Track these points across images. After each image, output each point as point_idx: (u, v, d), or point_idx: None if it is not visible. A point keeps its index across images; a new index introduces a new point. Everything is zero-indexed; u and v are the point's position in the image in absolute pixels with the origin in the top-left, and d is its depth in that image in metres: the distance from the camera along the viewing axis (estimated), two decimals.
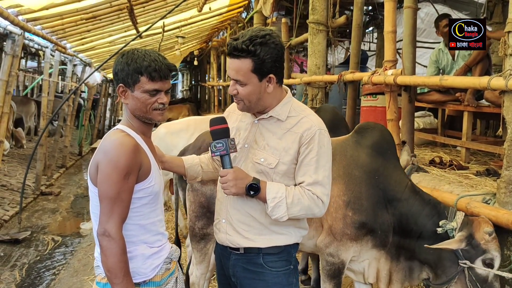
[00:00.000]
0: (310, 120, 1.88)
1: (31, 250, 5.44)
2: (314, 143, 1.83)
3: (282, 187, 1.83)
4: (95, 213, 1.74)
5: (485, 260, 2.41)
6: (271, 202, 1.80)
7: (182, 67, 26.61)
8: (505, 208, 2.72)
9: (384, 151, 2.77)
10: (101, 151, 1.71)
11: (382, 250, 2.67)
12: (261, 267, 1.92)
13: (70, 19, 6.90)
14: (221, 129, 1.86)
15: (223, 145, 1.81)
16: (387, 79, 3.97)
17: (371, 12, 9.39)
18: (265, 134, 1.91)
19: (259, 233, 1.91)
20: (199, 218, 2.93)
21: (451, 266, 2.48)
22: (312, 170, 1.84)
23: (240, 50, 1.77)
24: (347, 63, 6.04)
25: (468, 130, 4.42)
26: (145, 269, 1.76)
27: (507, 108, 2.70)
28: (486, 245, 2.41)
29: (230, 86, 1.88)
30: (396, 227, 2.64)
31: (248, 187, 1.80)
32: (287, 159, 1.86)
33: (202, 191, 2.89)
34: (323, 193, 1.84)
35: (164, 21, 7.98)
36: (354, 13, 5.39)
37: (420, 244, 2.58)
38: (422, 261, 2.63)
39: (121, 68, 1.73)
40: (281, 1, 8.72)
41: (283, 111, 1.90)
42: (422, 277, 2.68)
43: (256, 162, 1.89)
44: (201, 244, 2.96)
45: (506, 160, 2.73)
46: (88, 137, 14.01)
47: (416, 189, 2.71)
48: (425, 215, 2.60)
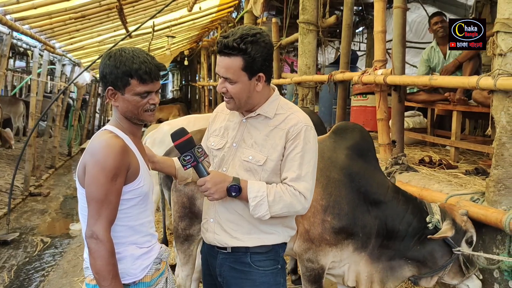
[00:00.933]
0: (297, 116, 1.89)
1: (20, 251, 5.39)
2: (300, 138, 1.84)
3: (263, 186, 1.82)
4: (84, 215, 1.72)
5: (468, 239, 2.50)
6: (252, 201, 1.79)
7: (172, 67, 26.51)
8: (493, 206, 2.74)
9: (364, 153, 2.70)
10: (88, 152, 1.69)
11: (363, 253, 2.63)
12: (248, 266, 1.91)
13: (59, 18, 6.85)
14: (184, 141, 1.83)
15: (191, 157, 1.80)
16: (377, 79, 3.99)
17: (361, 12, 9.42)
18: (253, 132, 1.91)
19: (248, 232, 1.90)
20: (182, 218, 2.91)
21: (443, 256, 2.50)
22: (296, 165, 1.83)
23: (231, 48, 1.76)
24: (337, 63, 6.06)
25: (457, 130, 4.45)
26: (135, 270, 1.74)
27: (496, 108, 2.72)
28: (465, 226, 2.50)
29: (219, 84, 1.86)
30: (381, 230, 2.60)
31: (229, 189, 1.79)
32: (275, 156, 1.85)
33: (184, 191, 2.88)
34: (306, 189, 1.83)
35: (154, 20, 7.95)
36: (344, 13, 5.41)
37: (407, 243, 2.57)
38: (408, 258, 2.61)
39: (109, 71, 1.69)
40: (271, 1, 8.72)
41: (271, 108, 1.91)
42: (407, 276, 2.66)
43: (244, 160, 1.88)
44: (185, 245, 2.94)
45: (495, 159, 2.76)
46: (78, 138, 13.91)
47: (397, 189, 2.69)
48: (410, 214, 2.59)
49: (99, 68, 1.75)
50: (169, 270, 1.95)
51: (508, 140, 2.68)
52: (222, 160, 1.93)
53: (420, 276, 2.60)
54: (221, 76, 1.83)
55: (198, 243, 2.97)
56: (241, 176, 1.86)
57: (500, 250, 2.70)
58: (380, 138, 4.26)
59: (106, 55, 1.73)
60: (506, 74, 2.61)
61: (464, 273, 2.48)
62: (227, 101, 1.89)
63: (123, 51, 1.72)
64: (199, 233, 2.91)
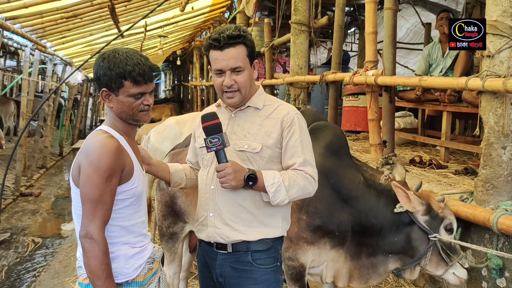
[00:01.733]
0: (287, 107, 1.99)
1: (11, 252, 5.36)
2: (295, 126, 1.91)
3: (276, 173, 1.87)
4: (78, 214, 1.72)
5: (446, 226, 2.49)
6: (271, 188, 1.83)
7: (165, 67, 26.44)
8: (482, 206, 2.79)
9: (336, 150, 2.75)
10: (83, 152, 1.69)
11: (340, 250, 2.64)
12: (249, 265, 1.92)
13: (50, 17, 6.82)
14: (214, 124, 1.84)
15: (219, 140, 1.81)
16: (368, 80, 4.03)
17: (353, 13, 9.48)
18: (244, 125, 1.95)
19: (248, 225, 1.91)
20: (166, 217, 2.96)
21: (421, 244, 2.50)
22: (299, 150, 1.90)
23: (236, 36, 1.83)
24: (329, 64, 6.11)
25: (447, 130, 4.51)
26: (128, 269, 1.75)
27: (484, 108, 2.76)
28: (443, 213, 2.50)
29: (226, 78, 1.87)
30: (355, 226, 2.61)
31: (247, 178, 1.81)
32: (270, 143, 1.90)
33: (167, 190, 2.90)
34: (313, 172, 1.91)
35: (146, 20, 7.94)
36: (336, 14, 5.45)
37: (384, 236, 2.57)
38: (387, 252, 2.60)
39: (103, 73, 1.70)
40: (263, 1, 8.74)
41: (259, 100, 1.98)
42: (390, 269, 2.65)
43: (240, 150, 1.91)
44: (170, 244, 2.98)
45: (483, 159, 2.80)
46: (69, 137, 13.83)
47: (369, 182, 2.68)
48: (382, 206, 2.58)
49: (93, 70, 1.76)
50: (162, 270, 1.96)
51: (496, 141, 2.72)
52: (214, 156, 1.94)
53: (403, 268, 2.59)
54: (228, 69, 1.86)
55: (182, 241, 3.02)
56: None
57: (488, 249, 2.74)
58: (371, 138, 4.30)
59: (100, 57, 1.74)
60: (494, 75, 2.66)
61: (446, 262, 2.47)
62: (231, 96, 1.91)
63: (117, 52, 1.72)
64: (182, 231, 2.94)
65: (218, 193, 1.93)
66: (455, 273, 2.47)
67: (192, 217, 2.84)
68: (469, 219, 2.77)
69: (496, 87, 2.60)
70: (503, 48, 2.64)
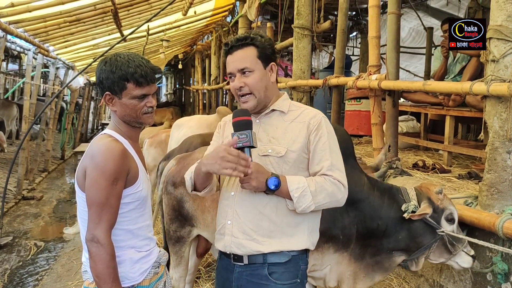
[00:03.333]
0: (313, 110, 1.93)
1: (13, 255, 5.36)
2: (323, 129, 1.86)
3: (302, 178, 1.78)
4: (83, 218, 1.72)
5: (447, 217, 2.48)
6: (295, 192, 1.74)
7: (167, 71, 26.49)
8: (486, 210, 2.78)
9: (342, 153, 2.71)
10: (88, 156, 1.70)
11: (345, 253, 2.61)
12: (265, 279, 1.81)
13: (53, 21, 6.83)
14: (245, 120, 1.78)
15: (247, 136, 1.73)
16: (371, 84, 4.03)
17: (355, 18, 9.49)
18: (269, 130, 1.89)
19: (268, 235, 1.81)
20: (173, 221, 2.95)
21: (426, 238, 2.50)
22: (327, 154, 1.83)
23: (243, 38, 1.84)
24: (332, 68, 6.10)
25: (450, 134, 4.51)
26: (134, 274, 1.75)
27: (489, 113, 2.76)
28: (442, 204, 2.49)
29: (236, 81, 1.85)
30: (360, 228, 2.58)
31: (268, 181, 1.73)
32: (296, 147, 1.83)
33: (174, 194, 2.92)
34: (342, 177, 1.83)
35: (149, 24, 7.95)
36: (339, 18, 5.45)
37: (389, 236, 2.55)
38: (392, 249, 2.59)
39: (105, 76, 1.71)
40: (266, 6, 8.75)
41: (284, 104, 1.93)
42: (396, 263, 2.63)
43: (264, 155, 1.84)
44: (177, 247, 2.98)
45: (488, 164, 2.79)
46: (71, 141, 13.85)
47: (372, 182, 2.66)
48: (386, 207, 2.57)
49: (96, 74, 1.76)
50: (167, 274, 1.95)
51: (500, 145, 2.71)
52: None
53: (408, 259, 2.58)
54: (237, 70, 1.85)
55: (189, 245, 3.02)
56: None
57: (493, 254, 2.73)
58: (374, 143, 4.30)
59: (102, 61, 1.75)
60: (499, 79, 2.65)
61: (450, 251, 2.48)
62: (245, 100, 1.87)
63: (118, 55, 1.74)
64: (189, 235, 2.94)
65: (237, 200, 1.84)
66: (458, 262, 2.50)
67: (199, 221, 2.84)
68: (474, 223, 2.76)
69: (501, 91, 2.60)
70: (507, 53, 2.64)
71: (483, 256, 2.81)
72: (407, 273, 3.66)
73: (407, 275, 3.66)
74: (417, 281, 3.53)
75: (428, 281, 3.39)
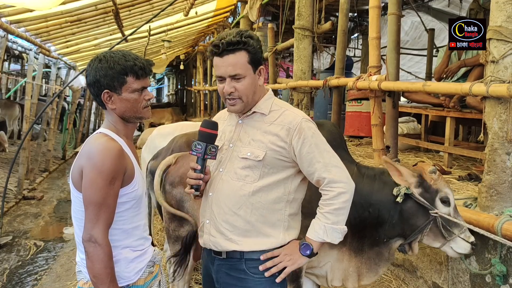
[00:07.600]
0: (293, 112, 1.90)
1: (13, 255, 5.36)
2: (304, 131, 1.84)
3: (314, 222, 1.87)
4: (78, 218, 1.72)
5: (442, 198, 2.42)
6: (326, 238, 1.84)
7: (168, 71, 26.52)
8: (486, 212, 2.76)
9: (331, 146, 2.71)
10: (85, 155, 1.68)
11: (343, 248, 2.58)
12: (243, 273, 1.86)
13: (55, 21, 6.84)
14: (207, 133, 1.83)
15: (201, 148, 1.81)
16: (371, 85, 4.02)
17: (356, 19, 9.49)
18: (249, 131, 1.90)
19: (244, 234, 1.85)
20: (172, 220, 2.95)
21: (419, 220, 2.44)
22: (317, 155, 1.83)
23: (235, 43, 1.77)
24: (332, 69, 6.09)
25: (451, 136, 4.49)
26: (129, 273, 1.74)
27: (488, 114, 2.75)
28: (436, 185, 2.43)
29: (226, 85, 1.83)
30: (353, 219, 2.48)
31: (303, 251, 1.85)
32: (275, 150, 1.84)
33: (172, 194, 2.91)
34: (339, 173, 1.85)
35: (150, 25, 7.96)
36: (340, 19, 5.44)
37: (383, 222, 2.51)
38: (390, 237, 2.55)
39: (103, 74, 1.70)
40: (267, 6, 8.76)
41: (265, 105, 1.91)
42: (394, 249, 2.60)
43: (243, 157, 1.86)
44: (176, 246, 2.98)
45: (487, 165, 2.78)
46: (72, 141, 13.85)
47: (362, 171, 2.62)
48: (376, 192, 2.53)
49: (89, 75, 1.73)
50: (162, 273, 1.95)
51: (500, 146, 2.70)
52: (219, 162, 1.92)
53: (405, 242, 2.53)
54: (227, 76, 1.81)
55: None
56: (240, 174, 1.85)
57: (492, 255, 2.72)
58: (374, 144, 4.29)
59: (95, 60, 1.73)
60: (498, 80, 2.64)
61: (444, 237, 2.41)
62: (233, 103, 1.86)
63: (112, 52, 1.74)
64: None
65: (214, 200, 1.90)
66: (453, 247, 2.42)
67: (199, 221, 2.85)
68: (473, 225, 2.74)
69: (501, 92, 2.59)
70: (507, 54, 2.63)
71: (482, 258, 2.79)
72: (406, 275, 3.65)
73: (406, 276, 3.65)
74: (416, 282, 3.52)
75: (427, 283, 3.38)
